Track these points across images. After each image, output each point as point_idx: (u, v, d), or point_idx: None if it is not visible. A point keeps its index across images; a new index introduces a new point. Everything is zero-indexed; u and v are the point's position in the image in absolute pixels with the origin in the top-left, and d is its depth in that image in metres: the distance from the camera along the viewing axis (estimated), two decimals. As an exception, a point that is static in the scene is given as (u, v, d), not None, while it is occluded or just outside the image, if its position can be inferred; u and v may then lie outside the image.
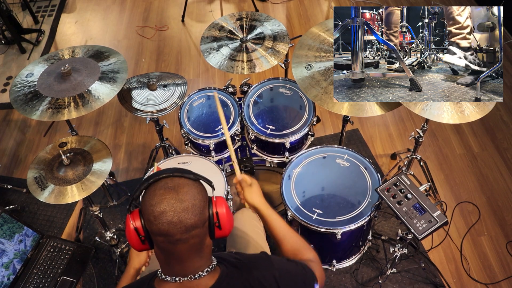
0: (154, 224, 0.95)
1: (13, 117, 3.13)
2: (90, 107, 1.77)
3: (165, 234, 0.95)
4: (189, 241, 0.96)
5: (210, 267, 1.04)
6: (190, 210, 0.94)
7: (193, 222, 0.95)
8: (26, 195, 2.58)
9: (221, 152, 2.17)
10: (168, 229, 0.93)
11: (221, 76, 3.30)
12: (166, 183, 0.97)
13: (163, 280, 1.03)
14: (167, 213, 0.93)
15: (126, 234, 1.02)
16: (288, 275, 1.10)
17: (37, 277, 1.97)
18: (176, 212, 0.93)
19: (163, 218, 0.93)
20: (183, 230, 0.94)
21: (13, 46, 3.61)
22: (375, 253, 2.23)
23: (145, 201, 0.97)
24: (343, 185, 1.95)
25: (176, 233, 0.94)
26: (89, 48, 2.04)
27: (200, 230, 0.98)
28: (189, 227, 0.94)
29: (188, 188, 0.97)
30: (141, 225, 0.99)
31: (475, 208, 2.43)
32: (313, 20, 3.73)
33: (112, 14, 3.96)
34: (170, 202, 0.94)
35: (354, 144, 2.76)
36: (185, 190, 0.96)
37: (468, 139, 2.76)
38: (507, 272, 2.19)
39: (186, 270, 1.01)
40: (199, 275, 1.01)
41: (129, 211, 1.02)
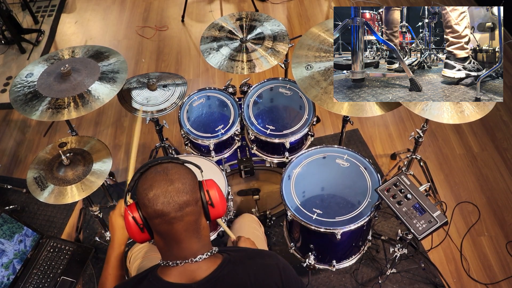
0: (149, 207, 0.99)
1: (13, 117, 3.13)
2: (90, 107, 1.77)
3: (160, 215, 0.98)
4: (184, 219, 1.00)
5: (210, 252, 1.07)
6: (181, 189, 0.99)
7: (185, 199, 0.99)
8: (26, 195, 2.58)
9: (221, 152, 2.17)
10: (163, 209, 0.97)
11: (221, 76, 3.30)
12: (155, 168, 1.03)
13: (165, 266, 1.06)
14: (159, 194, 0.98)
15: (126, 226, 1.06)
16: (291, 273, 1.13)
17: (37, 277, 1.97)
18: (168, 191, 0.98)
19: (156, 199, 0.98)
20: (176, 208, 0.98)
21: (13, 46, 3.61)
22: (375, 253, 2.23)
23: (138, 188, 1.02)
24: (343, 185, 1.94)
25: (170, 211, 0.98)
26: (89, 48, 2.04)
27: (194, 208, 1.02)
28: (182, 204, 0.98)
29: (177, 169, 1.02)
30: (138, 215, 1.03)
31: (475, 208, 2.43)
32: (313, 20, 3.73)
33: (112, 14, 3.96)
34: (161, 184, 0.99)
35: (354, 144, 2.76)
36: (174, 171, 1.01)
37: (468, 139, 2.76)
38: (507, 272, 2.19)
39: (185, 252, 1.04)
40: (199, 258, 1.04)
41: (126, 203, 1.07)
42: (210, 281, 1.03)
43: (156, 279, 1.05)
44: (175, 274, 1.04)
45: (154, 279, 1.05)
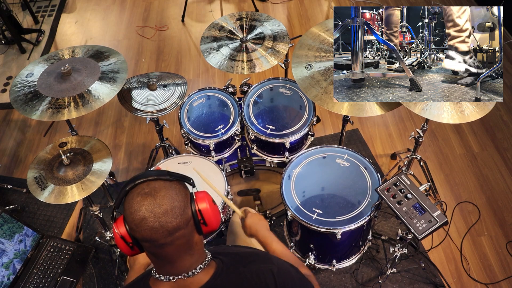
0: (136, 231, 0.94)
1: (13, 117, 3.13)
2: (90, 107, 1.77)
3: (149, 240, 0.94)
4: (175, 243, 0.96)
5: (204, 263, 1.04)
6: (170, 213, 0.93)
7: (175, 224, 0.93)
8: (26, 195, 2.58)
9: (221, 152, 2.17)
10: (151, 235, 0.93)
11: (221, 76, 3.30)
12: (142, 189, 0.95)
13: (157, 279, 1.03)
14: (147, 220, 0.92)
15: (115, 241, 1.01)
16: (287, 274, 1.10)
17: (37, 277, 1.97)
18: (156, 217, 0.92)
19: (144, 225, 0.92)
20: (166, 234, 0.93)
21: (13, 46, 3.61)
22: (375, 253, 2.23)
23: (125, 209, 0.96)
24: (343, 185, 1.95)
25: (159, 238, 0.93)
26: (89, 48, 2.04)
27: (184, 230, 0.97)
28: (171, 230, 0.93)
29: (165, 191, 0.95)
30: (126, 232, 0.98)
31: (475, 208, 2.43)
32: (313, 20, 3.73)
33: (112, 14, 3.96)
34: (148, 208, 0.92)
35: (354, 144, 2.76)
36: (162, 193, 0.94)
37: (468, 139, 2.76)
38: (507, 272, 2.19)
39: (178, 270, 1.01)
40: (192, 273, 1.01)
41: (113, 219, 1.01)
42: None
43: None
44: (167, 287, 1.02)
45: None
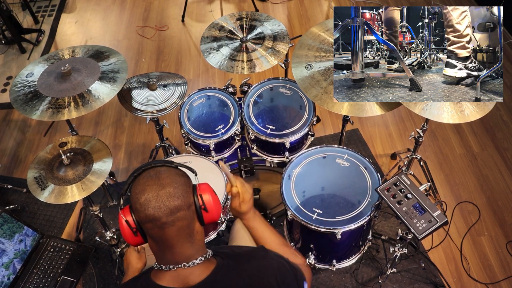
0: (140, 211, 0.99)
1: (13, 117, 3.13)
2: (90, 107, 1.77)
3: (151, 219, 0.98)
4: (176, 224, 0.99)
5: (204, 256, 1.06)
6: (172, 193, 0.98)
7: (176, 204, 0.98)
8: (26, 195, 2.58)
9: (221, 152, 2.17)
10: (154, 214, 0.97)
11: (221, 76, 3.30)
12: (148, 173, 1.03)
13: (158, 270, 1.06)
14: (150, 199, 0.97)
15: (120, 229, 1.05)
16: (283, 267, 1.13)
17: (37, 277, 1.97)
18: (159, 196, 0.97)
19: (147, 204, 0.97)
20: (167, 212, 0.97)
21: (13, 46, 3.61)
22: (375, 253, 2.23)
23: (131, 193, 1.02)
24: (343, 185, 1.94)
25: (161, 216, 0.97)
26: (89, 48, 2.04)
27: (186, 212, 1.01)
28: (173, 209, 0.98)
29: (169, 173, 1.02)
30: (131, 218, 1.03)
31: (475, 208, 2.43)
32: (313, 20, 3.73)
33: (112, 14, 3.96)
34: (152, 188, 0.98)
35: (354, 144, 2.76)
36: (166, 175, 1.01)
37: (468, 139, 2.76)
38: (507, 272, 2.19)
39: (178, 257, 1.04)
40: (192, 263, 1.04)
41: (120, 207, 1.06)
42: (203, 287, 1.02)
43: (149, 282, 1.05)
44: (168, 278, 1.04)
45: (147, 282, 1.05)
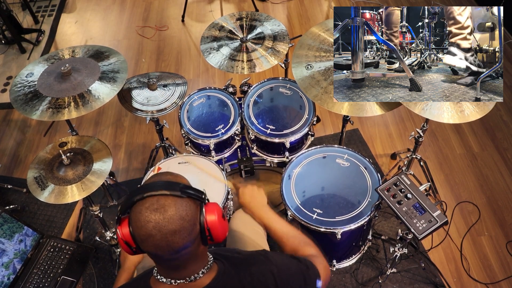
0: (142, 245, 0.94)
1: (13, 117, 3.13)
2: (90, 107, 1.77)
3: (154, 255, 0.95)
4: (180, 258, 0.96)
5: (206, 267, 1.04)
6: (178, 233, 0.90)
7: (181, 244, 0.92)
8: (26, 195, 2.58)
9: (221, 152, 2.17)
10: (156, 252, 0.92)
11: (221, 76, 3.30)
12: (151, 203, 0.91)
13: (158, 280, 1.03)
14: (153, 237, 0.90)
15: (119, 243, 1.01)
16: (287, 271, 1.11)
17: (37, 277, 1.97)
18: (163, 235, 0.89)
19: (150, 241, 0.91)
20: (171, 252, 0.92)
21: (13, 46, 3.61)
22: (375, 253, 2.23)
23: (132, 221, 0.93)
24: (343, 185, 1.95)
25: (164, 254, 0.93)
26: (89, 48, 2.04)
27: (191, 248, 0.96)
28: (178, 249, 0.92)
29: (175, 209, 0.91)
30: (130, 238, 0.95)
31: (475, 208, 2.43)
32: (313, 20, 3.73)
33: (112, 14, 3.96)
34: (156, 226, 0.89)
35: (354, 144, 2.76)
36: (172, 212, 0.90)
37: (468, 139, 2.76)
38: (507, 272, 2.19)
39: (181, 274, 1.01)
40: (195, 277, 1.02)
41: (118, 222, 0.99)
42: None
43: None
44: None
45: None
